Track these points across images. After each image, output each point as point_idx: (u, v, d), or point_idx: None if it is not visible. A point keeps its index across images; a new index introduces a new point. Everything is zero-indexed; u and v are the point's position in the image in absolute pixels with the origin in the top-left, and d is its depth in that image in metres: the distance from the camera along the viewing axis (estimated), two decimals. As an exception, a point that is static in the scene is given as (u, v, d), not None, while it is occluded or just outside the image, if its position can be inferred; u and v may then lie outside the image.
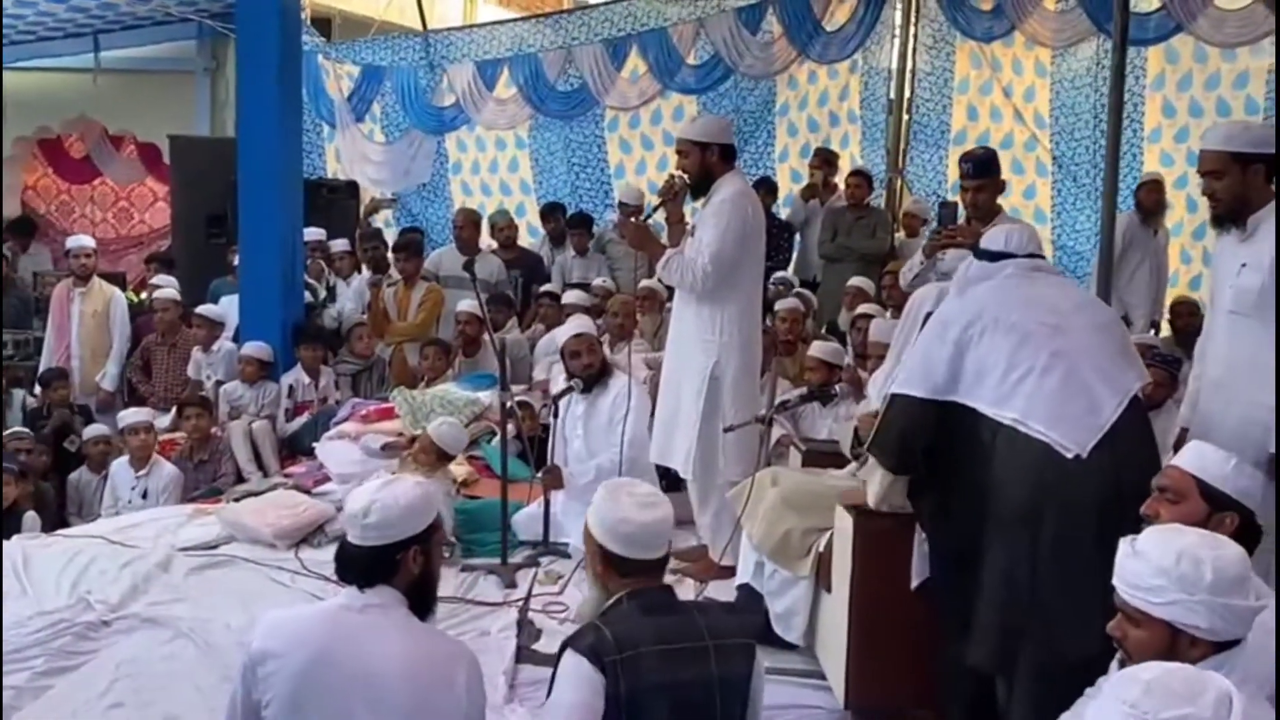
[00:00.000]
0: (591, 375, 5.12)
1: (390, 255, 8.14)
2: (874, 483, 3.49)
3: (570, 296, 7.37)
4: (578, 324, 5.34)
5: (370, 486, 2.66)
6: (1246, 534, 2.64)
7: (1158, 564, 2.18)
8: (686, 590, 4.56)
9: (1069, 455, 3.13)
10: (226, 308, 7.49)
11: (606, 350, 5.69)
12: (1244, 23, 8.29)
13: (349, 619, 2.58)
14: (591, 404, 5.17)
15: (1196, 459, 2.76)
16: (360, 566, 2.61)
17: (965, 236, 4.93)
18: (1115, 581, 2.26)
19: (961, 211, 5.09)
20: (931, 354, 3.36)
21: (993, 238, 3.63)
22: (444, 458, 5.20)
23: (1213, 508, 2.68)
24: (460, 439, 5.31)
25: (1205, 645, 2.16)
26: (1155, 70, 8.85)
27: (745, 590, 4.16)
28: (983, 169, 4.95)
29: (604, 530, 2.63)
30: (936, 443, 3.32)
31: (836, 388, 5.14)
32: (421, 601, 2.67)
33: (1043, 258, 3.66)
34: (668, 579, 4.63)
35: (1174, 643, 2.15)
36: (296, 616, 2.67)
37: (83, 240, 7.97)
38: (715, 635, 2.62)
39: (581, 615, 2.66)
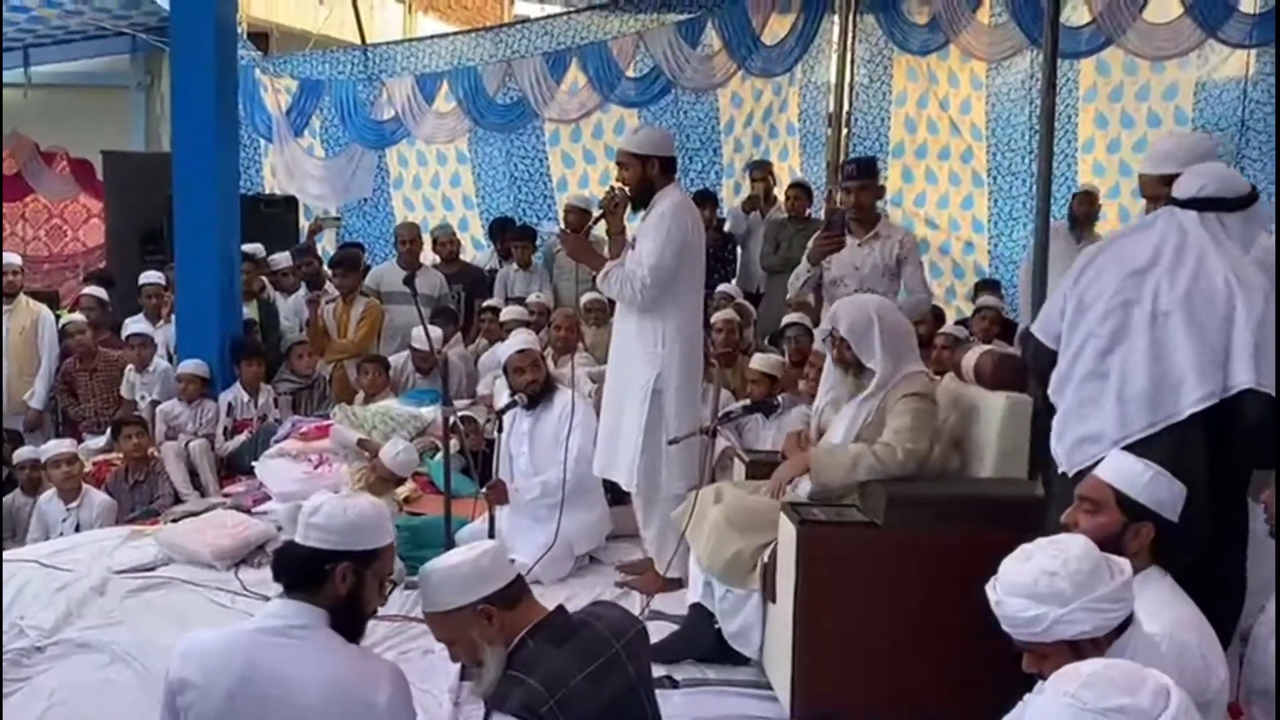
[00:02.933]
0: (535, 391, 5.10)
1: (328, 270, 8.08)
2: None
3: (509, 312, 7.34)
4: (521, 339, 5.30)
5: (333, 495, 2.66)
6: (1163, 544, 2.67)
7: (1022, 597, 2.24)
8: (633, 603, 4.55)
9: (1059, 471, 3.18)
10: (131, 329, 7.31)
11: (550, 365, 5.67)
12: (1172, 36, 8.53)
13: (269, 643, 2.51)
14: (537, 420, 5.14)
15: (1115, 469, 2.74)
16: (292, 566, 2.58)
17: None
18: (1004, 628, 2.30)
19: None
20: (1055, 295, 3.42)
21: (1183, 183, 3.26)
22: (397, 482, 5.18)
23: (1129, 518, 2.67)
24: (414, 462, 5.29)
25: (1105, 638, 2.23)
26: (1088, 83, 9.06)
27: (698, 610, 4.13)
28: (864, 171, 5.44)
29: (470, 586, 2.53)
30: None
31: (779, 399, 5.17)
32: (348, 626, 2.60)
33: (1233, 204, 3.20)
34: (615, 592, 4.71)
35: (1080, 654, 2.19)
36: (213, 643, 2.57)
37: (8, 257, 7.80)
38: (618, 636, 2.60)
39: (486, 689, 2.54)
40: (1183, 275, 3.13)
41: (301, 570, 2.56)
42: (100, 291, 7.77)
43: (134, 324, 7.39)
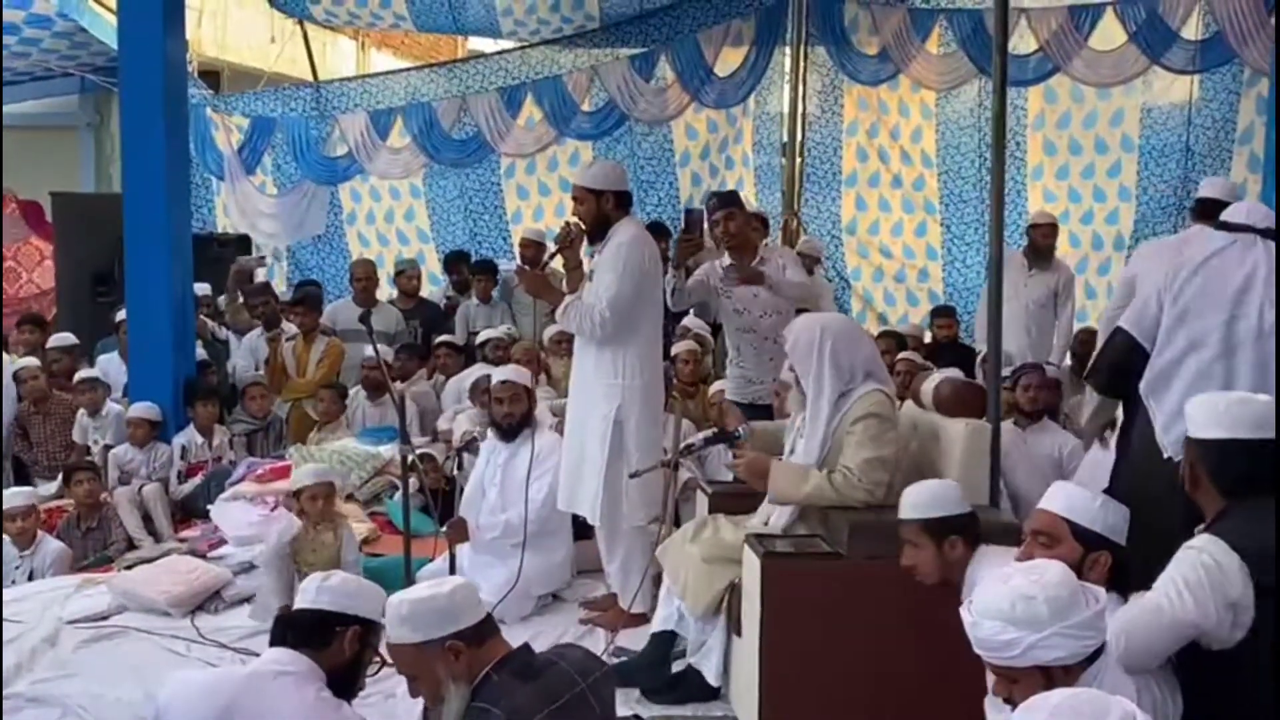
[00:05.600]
0: (510, 425, 5.04)
1: (281, 307, 7.99)
2: (1088, 401, 4.01)
3: (490, 333, 7.45)
4: (508, 371, 5.23)
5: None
6: (1118, 570, 2.71)
7: (998, 619, 2.23)
8: (597, 640, 4.51)
9: (1163, 455, 3.42)
10: (105, 366, 7.23)
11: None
12: (1117, 64, 8.71)
13: (254, 687, 2.51)
14: (514, 454, 5.06)
15: (1064, 500, 2.79)
16: (301, 625, 2.62)
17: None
18: (977, 650, 2.29)
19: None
20: (1149, 300, 3.64)
21: (1232, 210, 3.74)
22: (330, 497, 4.98)
23: (1086, 548, 2.71)
24: (321, 467, 5.18)
25: (1076, 666, 2.23)
26: (1035, 110, 9.20)
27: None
28: (725, 201, 5.64)
29: (442, 621, 2.50)
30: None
31: (741, 429, 5.14)
32: (342, 689, 2.62)
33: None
34: (579, 629, 4.67)
35: (1051, 680, 2.19)
36: (198, 683, 2.60)
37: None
38: (584, 675, 2.59)
39: None
40: (1273, 295, 3.50)
41: (309, 631, 2.61)
42: (67, 339, 7.60)
43: (103, 360, 7.27)
